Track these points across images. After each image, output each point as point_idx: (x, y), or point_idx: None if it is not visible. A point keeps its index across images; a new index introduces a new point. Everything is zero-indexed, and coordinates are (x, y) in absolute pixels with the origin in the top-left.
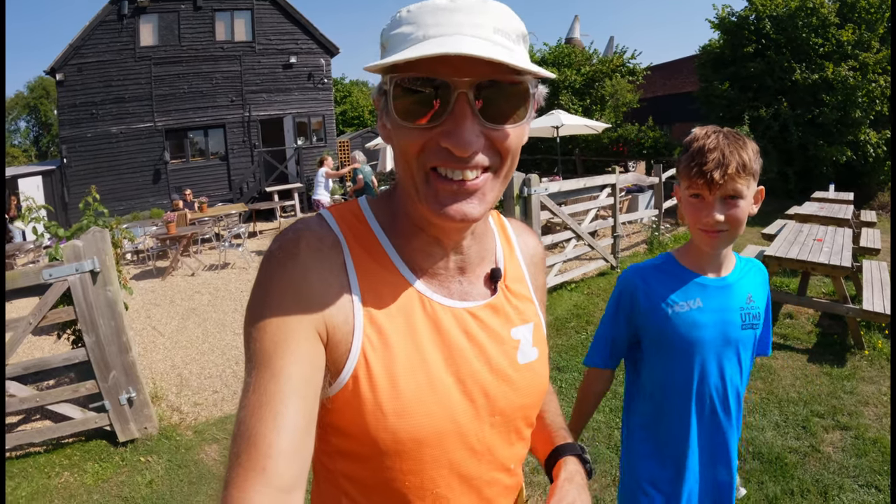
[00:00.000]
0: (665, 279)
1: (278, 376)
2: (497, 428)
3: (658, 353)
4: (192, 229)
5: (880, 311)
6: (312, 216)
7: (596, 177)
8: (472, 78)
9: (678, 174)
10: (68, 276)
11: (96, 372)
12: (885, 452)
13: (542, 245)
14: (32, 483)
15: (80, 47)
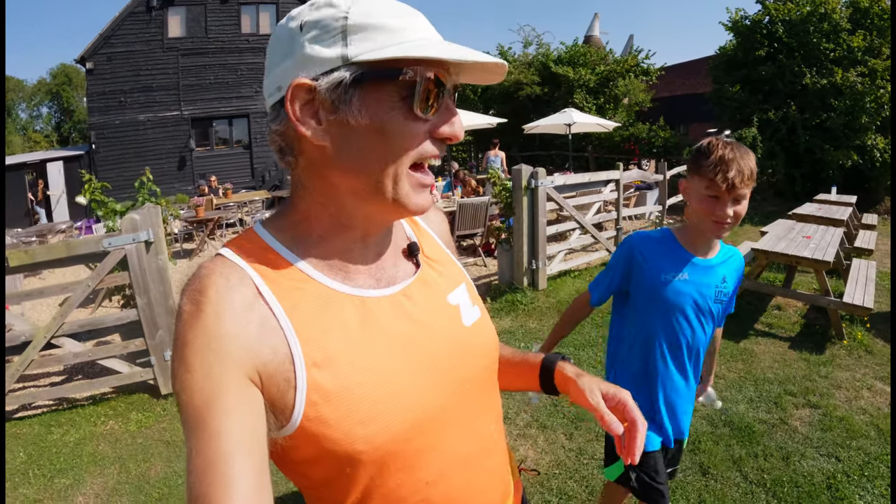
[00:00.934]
0: (664, 251)
1: (216, 436)
2: (471, 396)
3: (645, 309)
4: (218, 213)
5: (860, 303)
6: (213, 258)
7: (600, 172)
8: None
9: (694, 174)
10: (125, 245)
11: (145, 330)
12: (849, 429)
13: (442, 213)
14: (80, 430)
15: (110, 37)
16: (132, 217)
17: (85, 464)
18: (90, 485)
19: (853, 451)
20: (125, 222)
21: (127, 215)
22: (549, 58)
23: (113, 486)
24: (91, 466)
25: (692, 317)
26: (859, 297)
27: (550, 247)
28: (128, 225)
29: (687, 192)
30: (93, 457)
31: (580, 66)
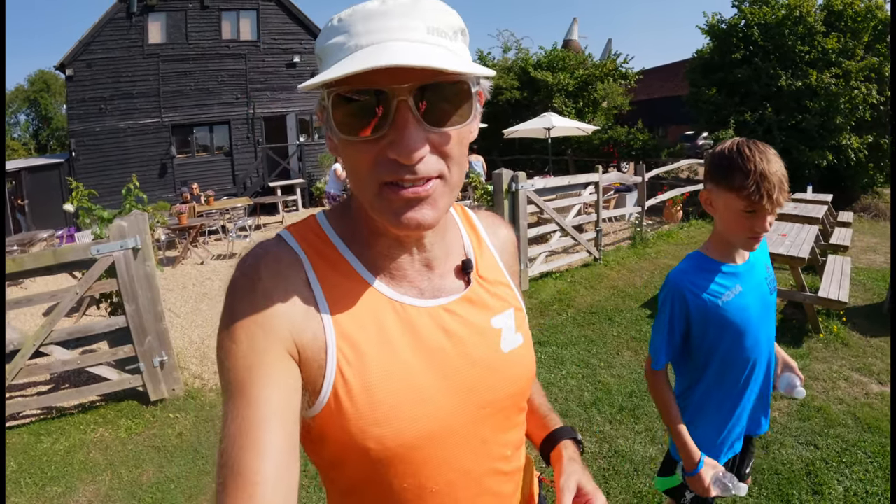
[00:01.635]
0: (707, 275)
1: (255, 403)
2: (489, 420)
3: (717, 339)
4: (200, 221)
5: (835, 298)
6: (272, 238)
7: (580, 175)
8: (410, 83)
9: (725, 189)
10: (114, 252)
11: (134, 337)
12: (827, 419)
13: (513, 233)
14: (70, 438)
15: (90, 44)
16: (120, 224)
17: (76, 471)
18: (82, 492)
19: (831, 439)
20: (113, 229)
21: (115, 222)
22: (528, 63)
23: (105, 493)
24: (82, 474)
25: (762, 324)
26: (834, 291)
27: (532, 249)
28: (116, 232)
29: (713, 206)
30: (84, 464)
31: (559, 70)
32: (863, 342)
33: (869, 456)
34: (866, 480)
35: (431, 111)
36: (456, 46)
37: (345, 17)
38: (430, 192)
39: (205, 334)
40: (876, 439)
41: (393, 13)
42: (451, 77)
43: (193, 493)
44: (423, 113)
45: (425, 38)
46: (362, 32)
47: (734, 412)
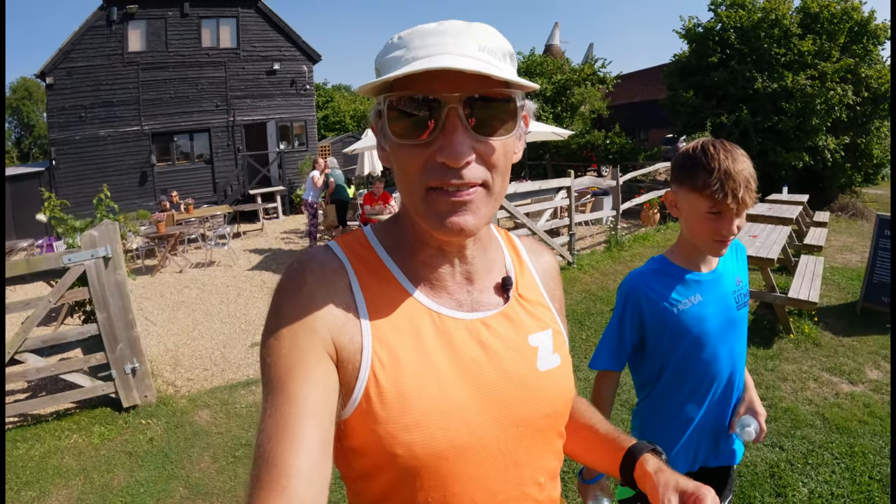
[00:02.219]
0: (665, 280)
1: (293, 400)
2: (523, 440)
3: (670, 350)
4: (179, 229)
5: (805, 298)
6: (319, 246)
7: (552, 180)
8: (461, 93)
9: (689, 190)
10: (85, 261)
11: (106, 344)
12: (794, 420)
13: (556, 260)
14: (45, 444)
15: (70, 52)
16: (91, 233)
17: (50, 476)
18: (55, 496)
19: (797, 440)
20: (84, 238)
21: (86, 232)
22: None
23: (77, 497)
24: (56, 479)
25: (724, 338)
26: (805, 292)
27: None
28: (87, 241)
29: (676, 207)
30: (57, 469)
31: (537, 75)
32: (835, 342)
33: (836, 457)
34: (832, 482)
35: (479, 121)
36: (504, 66)
37: (405, 35)
38: (472, 198)
39: (179, 342)
40: (844, 440)
41: (448, 32)
42: (499, 93)
43: (162, 496)
44: (471, 123)
45: (476, 55)
46: (419, 46)
47: (687, 429)
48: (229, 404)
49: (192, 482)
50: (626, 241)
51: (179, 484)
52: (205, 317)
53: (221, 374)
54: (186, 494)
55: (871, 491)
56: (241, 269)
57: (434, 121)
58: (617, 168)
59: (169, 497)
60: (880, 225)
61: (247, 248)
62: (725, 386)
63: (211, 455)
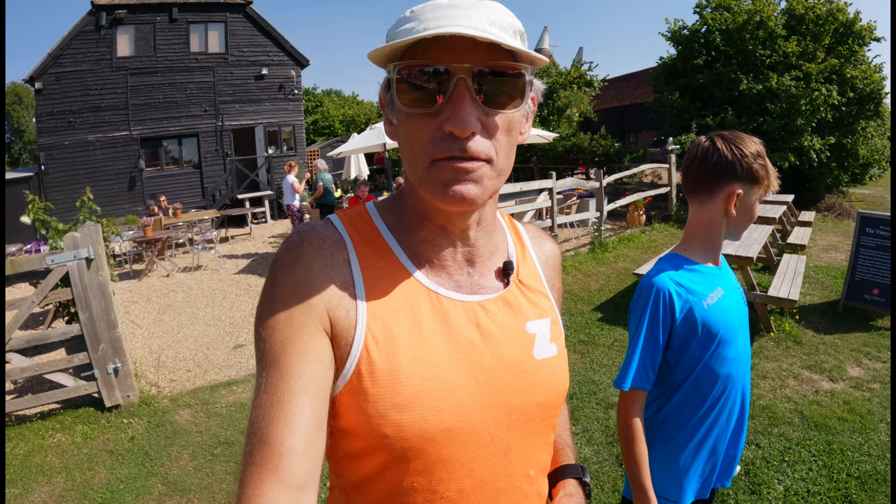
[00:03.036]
0: (692, 276)
1: (287, 376)
2: (515, 428)
3: (700, 350)
4: (166, 233)
5: (785, 296)
6: (320, 220)
7: (533, 182)
8: (470, 64)
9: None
10: (67, 262)
11: (88, 344)
12: (772, 417)
13: (558, 249)
14: (29, 443)
15: (59, 57)
16: (73, 235)
17: (33, 474)
18: (38, 493)
19: (774, 438)
20: (67, 240)
21: (68, 233)
22: None
23: (59, 494)
24: (39, 476)
25: (742, 332)
26: (785, 290)
27: None
28: (69, 242)
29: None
30: (41, 467)
31: None
32: (816, 340)
33: (813, 454)
34: (809, 479)
35: (487, 94)
36: (515, 42)
37: (417, 9)
38: (475, 169)
39: (164, 344)
40: (822, 437)
41: (459, 6)
42: (508, 66)
43: (140, 493)
44: (479, 97)
45: (487, 28)
46: (430, 19)
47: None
48: (209, 404)
49: (171, 479)
50: (610, 242)
51: (158, 481)
52: (190, 320)
53: (204, 375)
54: (164, 491)
55: (848, 488)
56: (227, 273)
57: (443, 91)
58: (601, 170)
59: (147, 493)
60: (861, 223)
61: (234, 252)
62: (743, 390)
63: (190, 453)
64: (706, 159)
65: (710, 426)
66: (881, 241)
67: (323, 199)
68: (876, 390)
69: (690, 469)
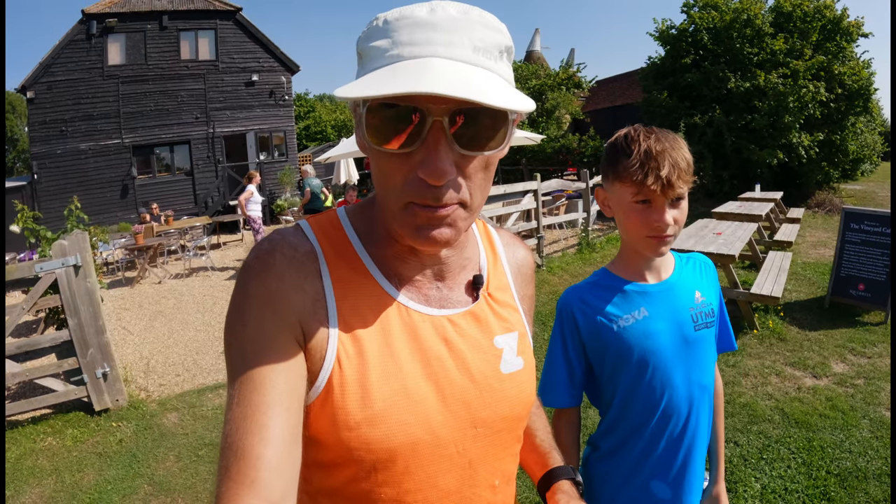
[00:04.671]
0: (603, 294)
1: (260, 387)
2: (480, 441)
3: (616, 375)
4: (158, 240)
5: (767, 293)
6: (290, 226)
7: (517, 184)
8: (447, 105)
9: (614, 179)
10: (56, 270)
11: (77, 350)
12: (751, 415)
13: (531, 256)
14: (20, 447)
15: (50, 66)
16: (61, 243)
17: (24, 476)
18: (28, 494)
19: (753, 435)
20: (55, 248)
21: (56, 241)
22: None
23: (49, 495)
24: (30, 478)
25: (679, 361)
26: (768, 287)
27: None
28: (57, 250)
29: (607, 204)
30: (31, 470)
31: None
32: (800, 336)
33: (793, 452)
34: (787, 477)
35: (465, 134)
36: (500, 68)
37: (391, 19)
38: (450, 214)
39: (154, 350)
40: (802, 434)
41: (440, 26)
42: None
43: (127, 493)
44: (456, 135)
45: (469, 58)
46: (406, 42)
47: (641, 473)
48: (196, 407)
49: (157, 480)
50: (597, 242)
51: (144, 482)
52: (181, 325)
53: (192, 380)
54: (150, 491)
55: (826, 486)
56: (219, 279)
57: (416, 131)
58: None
59: (134, 494)
60: (846, 218)
61: (226, 258)
62: (683, 428)
63: (175, 455)
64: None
65: (642, 460)
66: (866, 237)
67: (311, 205)
68: (860, 386)
69: (627, 500)
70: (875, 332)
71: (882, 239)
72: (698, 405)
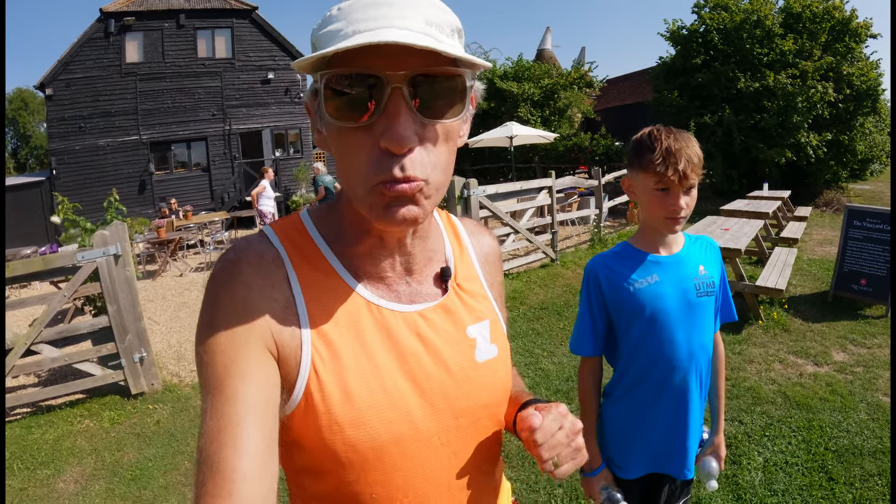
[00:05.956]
0: (624, 262)
1: (233, 399)
2: (463, 431)
3: (629, 329)
4: (179, 234)
5: (772, 286)
6: (254, 234)
7: (532, 180)
8: (406, 71)
9: (638, 170)
10: (97, 259)
11: (116, 335)
12: (755, 397)
13: (497, 243)
14: (58, 429)
15: (69, 63)
16: (102, 233)
17: (64, 456)
18: (69, 473)
19: (756, 415)
20: (96, 238)
21: (97, 232)
22: (495, 73)
23: (90, 473)
24: (70, 458)
25: (682, 321)
26: (773, 280)
27: None
28: (99, 240)
29: (632, 191)
30: (71, 450)
31: (525, 80)
32: (804, 327)
33: (793, 430)
34: (787, 452)
35: (425, 102)
36: (452, 43)
37: (344, 6)
38: (416, 191)
39: (182, 339)
40: (802, 415)
41: (392, 3)
42: (447, 70)
43: (168, 469)
44: (416, 104)
45: (423, 29)
46: (361, 19)
47: (646, 418)
48: None
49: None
50: (609, 238)
51: (185, 459)
52: None
53: None
54: (191, 467)
55: (825, 460)
56: None
57: (375, 101)
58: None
59: (175, 469)
60: (849, 216)
61: None
62: (683, 379)
63: None
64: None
65: (647, 405)
66: (867, 233)
67: (325, 200)
68: (858, 373)
69: (633, 441)
70: (875, 325)
71: (883, 235)
72: (698, 361)
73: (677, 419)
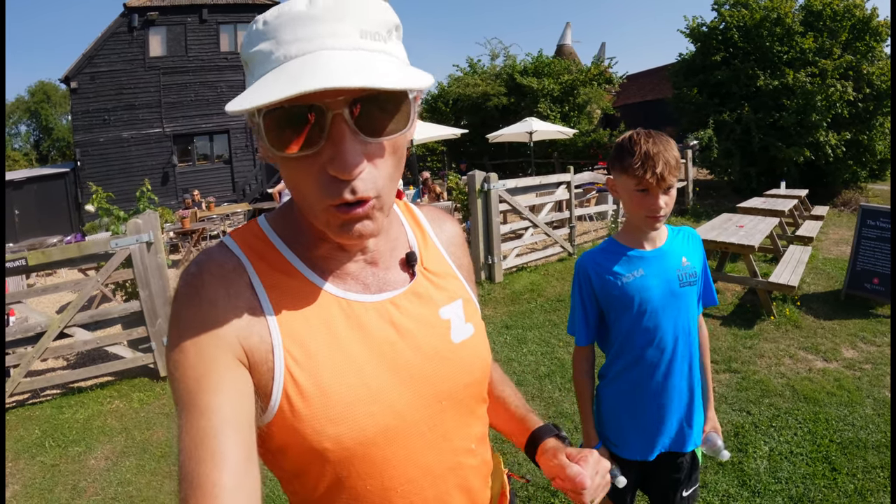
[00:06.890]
0: (611, 258)
1: (207, 412)
2: (448, 413)
3: (619, 320)
4: (202, 225)
5: (784, 282)
6: (214, 245)
7: (551, 175)
8: (345, 96)
9: (620, 172)
10: (130, 245)
11: (147, 319)
12: (764, 389)
13: (459, 227)
14: (88, 409)
15: (93, 57)
16: (136, 221)
17: (95, 434)
18: (100, 450)
19: (764, 406)
20: (130, 226)
21: (131, 220)
22: (515, 69)
23: (121, 450)
24: (100, 436)
25: (667, 310)
26: (785, 276)
27: (506, 244)
28: (132, 228)
29: (615, 190)
30: (101, 429)
31: (545, 76)
32: (815, 324)
33: (800, 421)
34: (793, 442)
35: (367, 122)
36: (390, 48)
37: (270, 19)
38: (369, 210)
39: None
40: (809, 408)
41: (321, 18)
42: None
43: None
44: (358, 124)
45: (358, 44)
46: (290, 41)
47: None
48: None
49: None
50: None
51: None
52: None
53: None
54: None
55: (829, 452)
56: None
57: (318, 129)
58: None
59: None
60: (863, 215)
61: None
62: (670, 360)
63: None
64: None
65: (639, 385)
66: (881, 233)
67: None
68: (867, 370)
69: (628, 420)
70: (886, 324)
71: None
72: (682, 343)
73: (667, 394)
